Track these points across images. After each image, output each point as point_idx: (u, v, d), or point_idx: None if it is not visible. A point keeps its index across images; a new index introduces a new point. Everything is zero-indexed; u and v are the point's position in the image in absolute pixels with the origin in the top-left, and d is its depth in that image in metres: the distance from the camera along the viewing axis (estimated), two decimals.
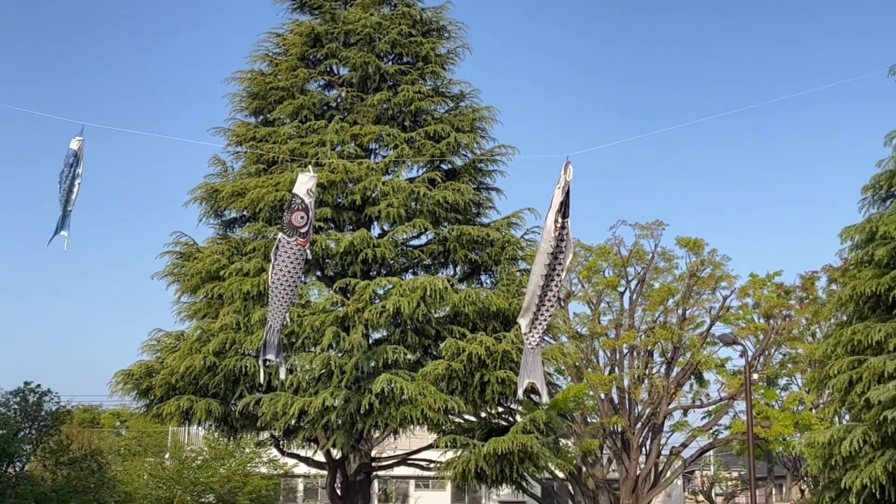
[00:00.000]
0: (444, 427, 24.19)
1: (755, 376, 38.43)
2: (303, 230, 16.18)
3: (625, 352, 40.55)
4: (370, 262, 24.24)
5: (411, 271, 25.81)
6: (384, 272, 24.93)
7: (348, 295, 24.11)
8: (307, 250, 16.61)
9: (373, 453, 26.93)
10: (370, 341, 24.12)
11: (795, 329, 41.15)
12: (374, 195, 24.67)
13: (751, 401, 30.85)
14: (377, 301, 23.52)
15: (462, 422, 25.33)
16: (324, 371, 23.13)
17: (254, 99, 26.85)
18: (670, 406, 40.25)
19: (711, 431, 41.77)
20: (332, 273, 25.31)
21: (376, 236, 24.71)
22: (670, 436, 42.35)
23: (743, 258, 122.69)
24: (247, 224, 25.87)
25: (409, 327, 23.72)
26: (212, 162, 26.97)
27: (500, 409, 25.68)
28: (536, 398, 24.71)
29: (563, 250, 14.51)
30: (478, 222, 26.14)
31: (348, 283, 23.96)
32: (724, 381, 39.95)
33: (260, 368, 18.13)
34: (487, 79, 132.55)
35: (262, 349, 17.09)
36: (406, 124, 26.31)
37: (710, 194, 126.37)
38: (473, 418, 25.56)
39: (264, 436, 27.87)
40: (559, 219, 14.25)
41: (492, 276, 26.10)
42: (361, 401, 22.07)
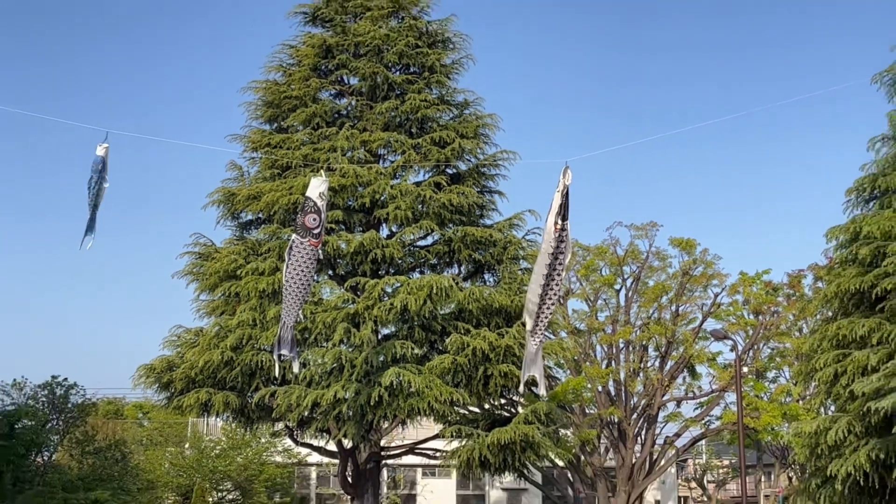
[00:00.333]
0: (449, 418, 24.21)
1: (745, 369, 38.39)
2: (315, 231, 16.16)
3: (621, 346, 40.48)
4: (379, 262, 24.25)
5: (418, 270, 25.81)
6: (392, 271, 24.94)
7: (358, 293, 24.12)
8: (319, 251, 16.60)
9: (382, 443, 26.93)
10: (379, 337, 24.13)
11: (783, 324, 41.07)
12: (382, 198, 24.67)
13: (741, 392, 30.82)
14: (386, 298, 23.52)
15: (467, 413, 25.34)
16: (335, 365, 23.14)
17: (268, 107, 26.86)
18: (664, 398, 40.19)
19: (703, 422, 41.70)
20: (343, 272, 25.32)
21: (385, 237, 24.71)
22: (664, 426, 42.32)
23: (733, 257, 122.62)
24: (262, 226, 25.89)
25: (416, 323, 23.72)
26: (229, 167, 27.03)
27: (503, 401, 25.67)
28: (537, 390, 24.71)
29: (563, 251, 14.49)
30: (481, 224, 26.14)
31: (358, 281, 23.96)
32: (716, 374, 39.87)
33: (275, 363, 18.15)
34: (490, 88, 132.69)
35: (277, 345, 17.08)
36: (413, 131, 26.31)
37: (702, 196, 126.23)
38: (477, 410, 25.55)
39: (279, 426, 27.85)
40: (559, 221, 14.23)
41: (494, 274, 26.09)
42: (371, 393, 22.07)
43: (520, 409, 25.14)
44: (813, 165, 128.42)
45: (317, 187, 16.26)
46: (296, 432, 26.86)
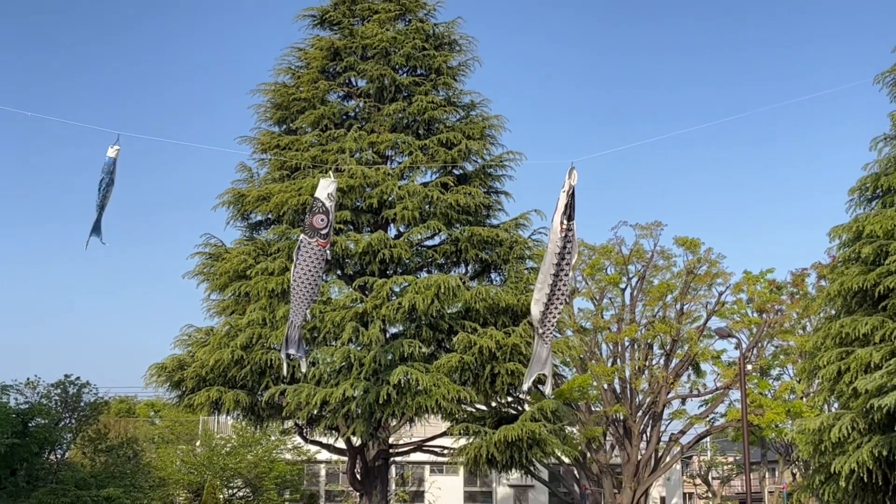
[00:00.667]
0: (457, 416, 24.17)
1: (749, 367, 38.29)
2: (323, 232, 16.14)
3: (626, 344, 40.46)
4: (387, 262, 24.22)
5: (426, 270, 25.78)
6: (400, 271, 24.91)
7: (367, 292, 24.09)
8: (327, 251, 16.56)
9: (390, 440, 26.94)
10: (387, 336, 24.11)
11: (787, 322, 41.01)
12: (390, 199, 24.65)
13: (745, 390, 30.76)
14: (394, 298, 23.50)
15: (474, 411, 25.29)
16: (344, 364, 23.12)
17: (278, 109, 26.85)
18: (669, 395, 40.17)
19: (708, 419, 41.67)
20: (351, 272, 25.30)
21: (393, 237, 24.68)
22: (669, 423, 42.32)
23: (737, 256, 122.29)
24: (271, 226, 25.88)
25: (423, 322, 23.69)
26: (238, 168, 27.03)
27: (510, 399, 25.62)
28: (541, 387, 24.67)
29: (570, 251, 14.42)
30: (487, 224, 26.09)
31: (367, 281, 23.94)
32: (720, 372, 39.87)
33: (283, 362, 18.14)
34: (495, 90, 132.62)
35: (285, 344, 17.07)
36: (420, 132, 26.29)
37: (706, 196, 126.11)
38: (484, 407, 25.51)
39: (289, 424, 27.86)
40: (565, 221, 14.16)
41: (501, 274, 26.06)
42: (380, 391, 22.05)
43: (526, 407, 25.09)
44: (816, 165, 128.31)
45: (325, 188, 16.25)
46: (305, 430, 26.85)
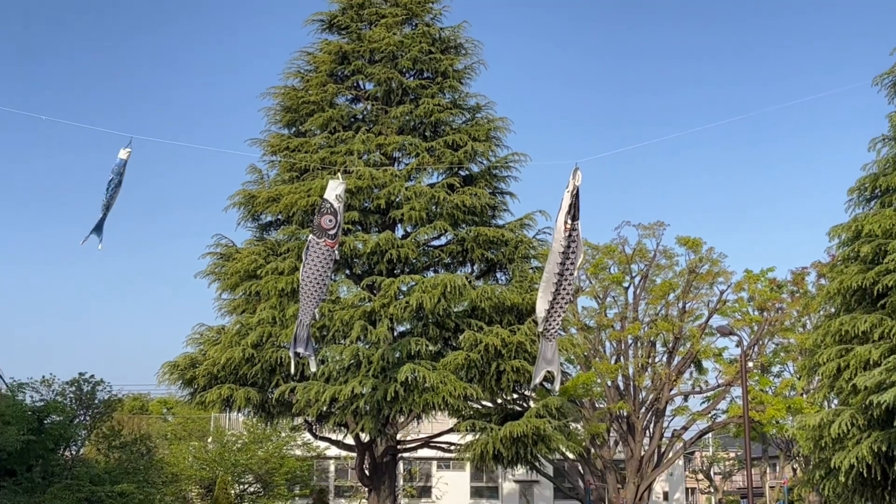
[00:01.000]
0: (463, 412, 24.21)
1: (750, 364, 38.24)
2: (332, 232, 16.18)
3: (629, 342, 40.41)
4: (395, 262, 24.27)
5: (432, 269, 25.83)
6: (407, 270, 24.95)
7: (375, 291, 24.15)
8: (336, 251, 16.60)
9: (398, 437, 26.96)
10: (395, 334, 24.15)
11: (787, 320, 40.92)
12: (397, 200, 24.71)
13: (746, 387, 30.72)
14: (401, 297, 23.55)
15: (480, 407, 25.33)
16: (353, 361, 23.18)
17: (287, 112, 26.93)
18: (672, 392, 40.11)
19: (710, 415, 41.57)
20: (359, 271, 25.36)
21: (400, 237, 24.74)
22: (672, 419, 42.21)
23: (738, 255, 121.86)
24: (281, 227, 25.96)
25: (430, 321, 23.74)
26: (249, 170, 27.12)
27: (515, 396, 25.67)
28: (548, 385, 24.69)
29: (574, 250, 14.41)
30: (493, 224, 26.14)
31: (375, 280, 24.00)
32: (722, 369, 39.77)
33: (292, 360, 18.19)
34: (502, 92, 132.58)
35: (293, 343, 17.11)
36: (427, 134, 26.34)
37: (708, 196, 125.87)
38: (490, 404, 25.56)
39: (299, 421, 27.93)
40: (569, 221, 14.17)
41: (506, 273, 26.10)
42: (388, 389, 22.11)
43: (531, 404, 25.14)
44: (816, 166, 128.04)
45: (334, 189, 16.29)
46: (315, 427, 26.93)
